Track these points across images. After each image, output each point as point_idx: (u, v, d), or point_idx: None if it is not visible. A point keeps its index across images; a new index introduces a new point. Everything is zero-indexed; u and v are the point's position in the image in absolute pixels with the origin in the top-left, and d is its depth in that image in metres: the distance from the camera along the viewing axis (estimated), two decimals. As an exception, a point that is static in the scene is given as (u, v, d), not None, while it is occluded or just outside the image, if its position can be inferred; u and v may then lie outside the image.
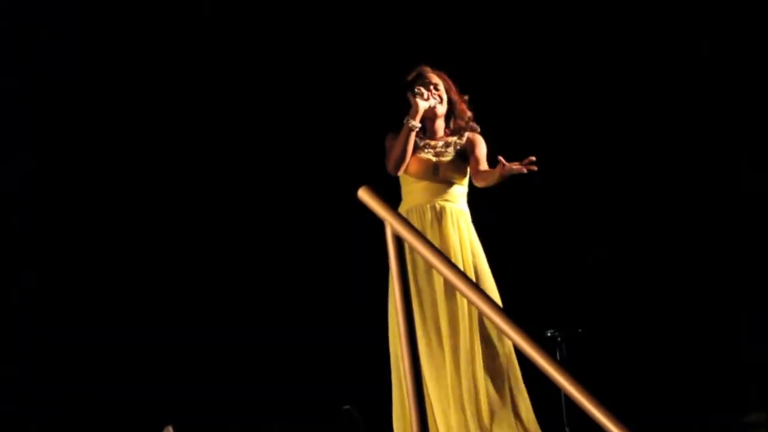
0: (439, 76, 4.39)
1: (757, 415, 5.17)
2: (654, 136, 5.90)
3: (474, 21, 5.98)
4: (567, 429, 4.81)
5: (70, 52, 5.75)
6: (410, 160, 4.27)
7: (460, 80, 4.43)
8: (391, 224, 2.25)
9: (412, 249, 2.23)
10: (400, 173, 4.27)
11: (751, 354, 5.51)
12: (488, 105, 4.47)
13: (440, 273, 2.22)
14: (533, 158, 3.96)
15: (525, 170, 3.97)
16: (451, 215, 4.20)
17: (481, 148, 4.34)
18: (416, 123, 4.22)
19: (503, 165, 4.00)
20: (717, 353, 5.56)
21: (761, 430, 5.01)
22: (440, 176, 4.27)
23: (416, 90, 4.24)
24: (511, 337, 2.11)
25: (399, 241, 2.25)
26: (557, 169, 5.93)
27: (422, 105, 4.23)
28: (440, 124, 4.39)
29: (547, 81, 6.00)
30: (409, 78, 4.35)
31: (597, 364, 5.31)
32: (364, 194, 2.31)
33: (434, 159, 4.29)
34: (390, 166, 4.26)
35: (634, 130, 5.92)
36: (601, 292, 5.73)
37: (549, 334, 4.95)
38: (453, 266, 2.22)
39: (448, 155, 4.30)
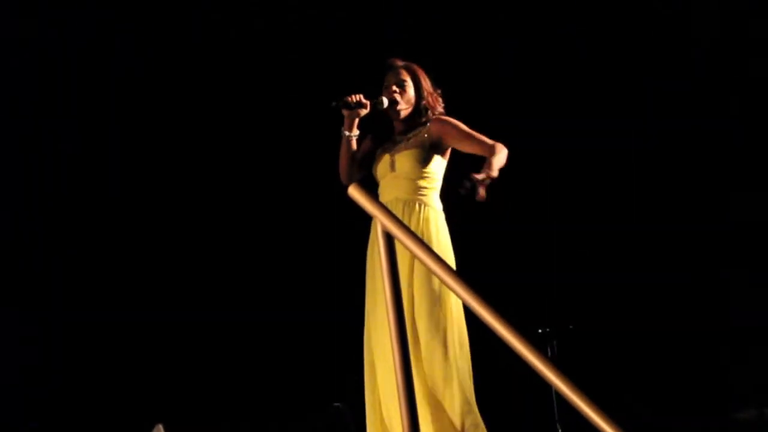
0: (406, 70, 4.21)
1: (748, 412, 5.19)
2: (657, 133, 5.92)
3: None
4: (558, 426, 4.82)
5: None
6: (377, 161, 4.19)
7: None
8: (381, 221, 2.25)
9: (402, 244, 2.23)
10: (354, 181, 4.13)
11: (741, 350, 5.52)
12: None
13: (429, 269, 2.21)
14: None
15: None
16: (410, 212, 4.02)
17: (452, 132, 4.11)
18: (349, 132, 4.11)
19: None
20: (708, 350, 5.56)
21: (752, 427, 5.02)
22: (397, 171, 4.11)
23: (341, 101, 4.06)
24: (501, 335, 2.11)
25: (389, 238, 2.25)
26: (544, 164, 5.96)
27: (352, 113, 4.07)
28: (407, 122, 4.21)
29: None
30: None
31: (588, 361, 5.30)
32: (354, 191, 2.31)
33: (389, 154, 4.17)
34: (341, 178, 4.18)
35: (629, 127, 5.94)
36: (591, 288, 5.72)
37: (540, 331, 4.94)
38: (441, 262, 2.21)
39: (404, 148, 4.12)
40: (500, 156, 3.90)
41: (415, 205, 4.06)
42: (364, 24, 5.99)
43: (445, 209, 4.14)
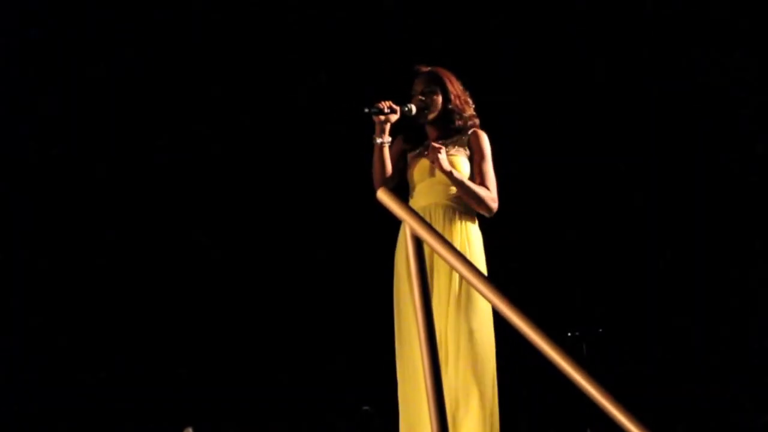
0: (432, 75, 4.19)
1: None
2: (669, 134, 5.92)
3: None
4: (588, 431, 4.82)
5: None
6: (413, 165, 4.17)
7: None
8: (410, 225, 2.25)
9: (432, 249, 2.23)
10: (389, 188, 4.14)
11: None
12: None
13: (460, 274, 2.22)
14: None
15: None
16: (452, 218, 4.00)
17: (479, 150, 4.14)
18: (381, 139, 4.07)
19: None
20: (737, 352, 5.55)
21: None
22: (437, 176, 4.07)
23: (374, 108, 4.03)
24: (531, 338, 2.11)
25: (418, 242, 2.25)
26: (572, 169, 5.94)
27: (383, 119, 4.04)
28: (441, 127, 4.19)
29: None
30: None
31: (618, 365, 5.28)
32: (383, 195, 2.31)
33: (427, 158, 4.11)
34: (374, 185, 4.09)
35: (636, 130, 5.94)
36: (621, 291, 5.69)
37: (569, 335, 4.93)
38: (472, 267, 2.21)
39: (446, 154, 4.05)
40: (478, 190, 4.03)
41: (456, 211, 4.06)
42: (364, 24, 5.98)
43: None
